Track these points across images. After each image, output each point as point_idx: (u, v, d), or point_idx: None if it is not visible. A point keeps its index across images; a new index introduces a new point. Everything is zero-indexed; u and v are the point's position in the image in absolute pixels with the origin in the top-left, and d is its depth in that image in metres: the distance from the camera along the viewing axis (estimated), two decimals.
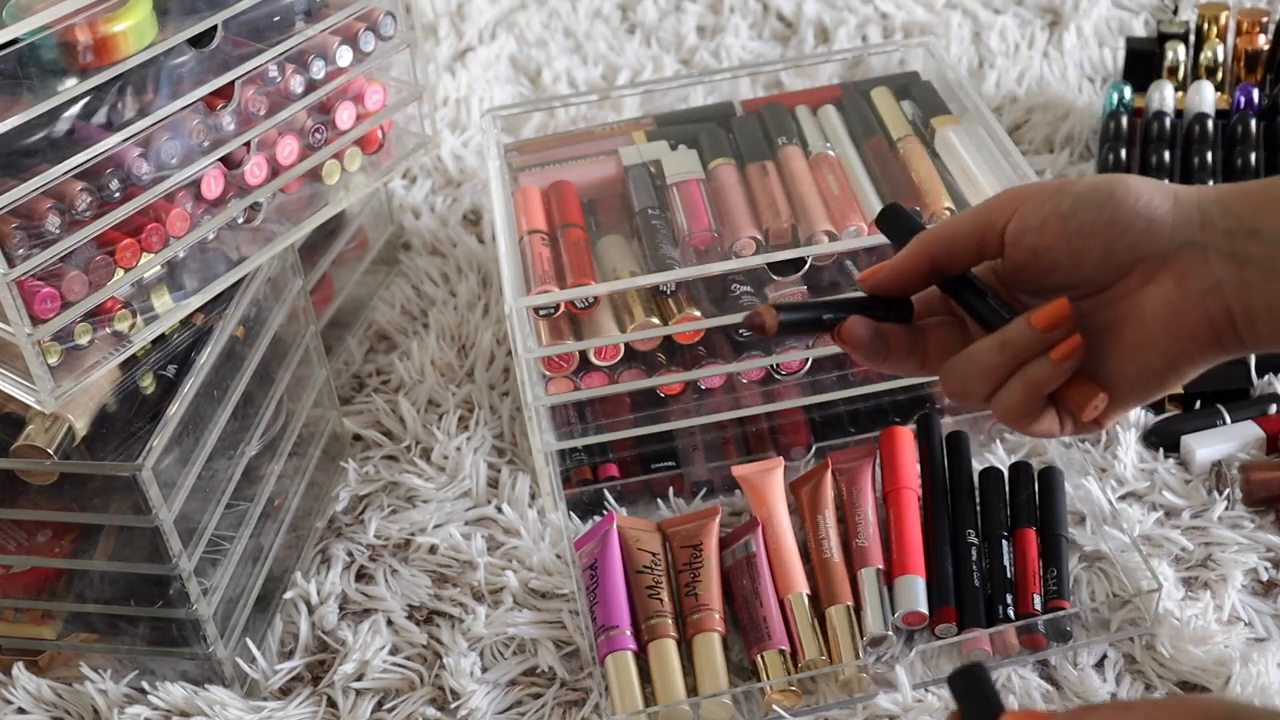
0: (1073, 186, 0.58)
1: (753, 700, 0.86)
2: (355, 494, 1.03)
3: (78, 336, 0.81)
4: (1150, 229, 0.57)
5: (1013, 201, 0.59)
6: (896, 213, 0.66)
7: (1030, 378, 0.59)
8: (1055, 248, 0.58)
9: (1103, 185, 0.58)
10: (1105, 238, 0.57)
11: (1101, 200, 0.57)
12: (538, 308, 0.92)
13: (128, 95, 0.81)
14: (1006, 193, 0.60)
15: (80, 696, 0.90)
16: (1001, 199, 0.60)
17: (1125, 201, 0.57)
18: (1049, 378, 0.59)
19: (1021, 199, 0.59)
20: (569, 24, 1.49)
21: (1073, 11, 1.42)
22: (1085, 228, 0.57)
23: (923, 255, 0.62)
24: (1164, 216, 0.57)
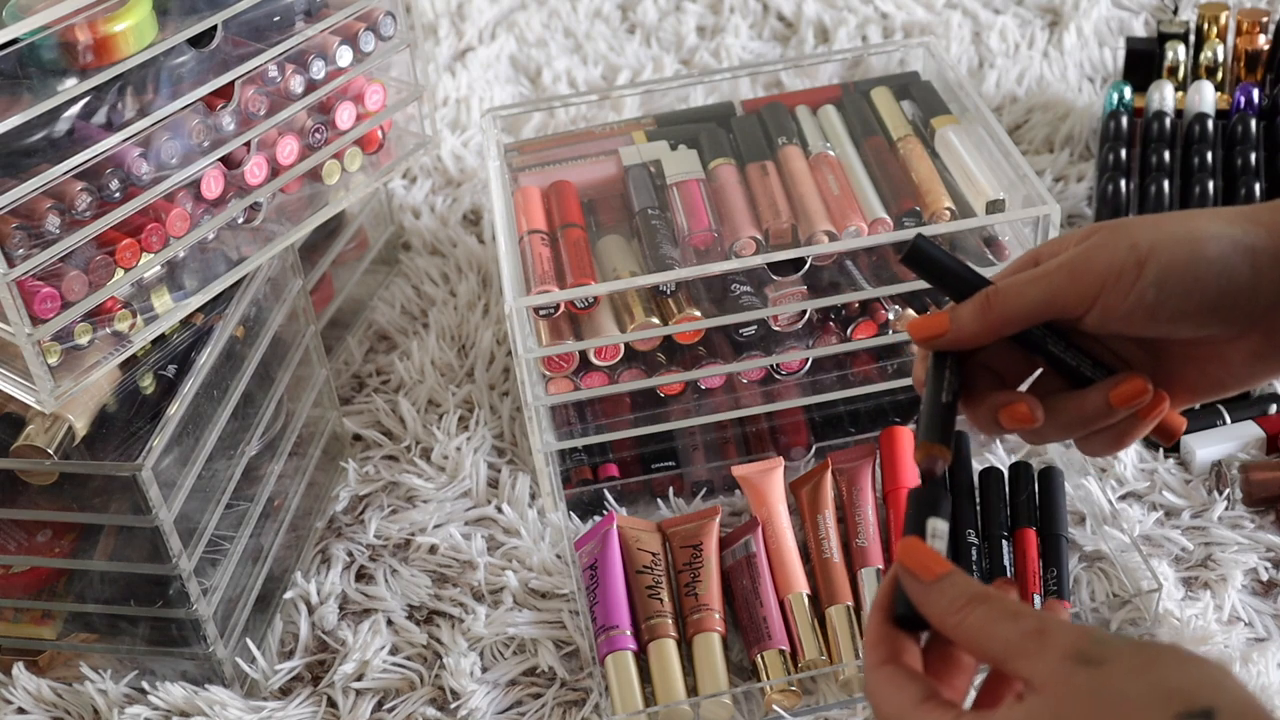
0: (1152, 267, 0.56)
1: (753, 700, 0.86)
2: (355, 494, 1.03)
3: (78, 336, 0.81)
4: (1236, 302, 0.56)
5: (1089, 289, 0.57)
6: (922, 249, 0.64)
7: (1118, 432, 0.61)
8: (1142, 330, 0.58)
9: (1184, 264, 0.55)
10: (1194, 319, 0.57)
11: (1186, 289, 0.56)
12: (538, 308, 0.92)
13: (128, 95, 0.81)
14: (1080, 271, 0.57)
15: (80, 696, 0.90)
16: (1074, 283, 0.57)
17: (1209, 280, 0.55)
18: (1134, 433, 0.61)
19: (1098, 287, 0.57)
20: (569, 24, 1.49)
21: (1073, 11, 1.42)
22: (1174, 315, 0.56)
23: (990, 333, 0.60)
24: (1246, 284, 0.56)
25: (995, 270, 0.94)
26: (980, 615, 0.49)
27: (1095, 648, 0.46)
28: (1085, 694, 0.45)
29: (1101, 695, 0.45)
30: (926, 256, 0.63)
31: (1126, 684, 0.45)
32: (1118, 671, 0.45)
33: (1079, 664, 0.46)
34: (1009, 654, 0.48)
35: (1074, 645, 0.46)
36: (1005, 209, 0.94)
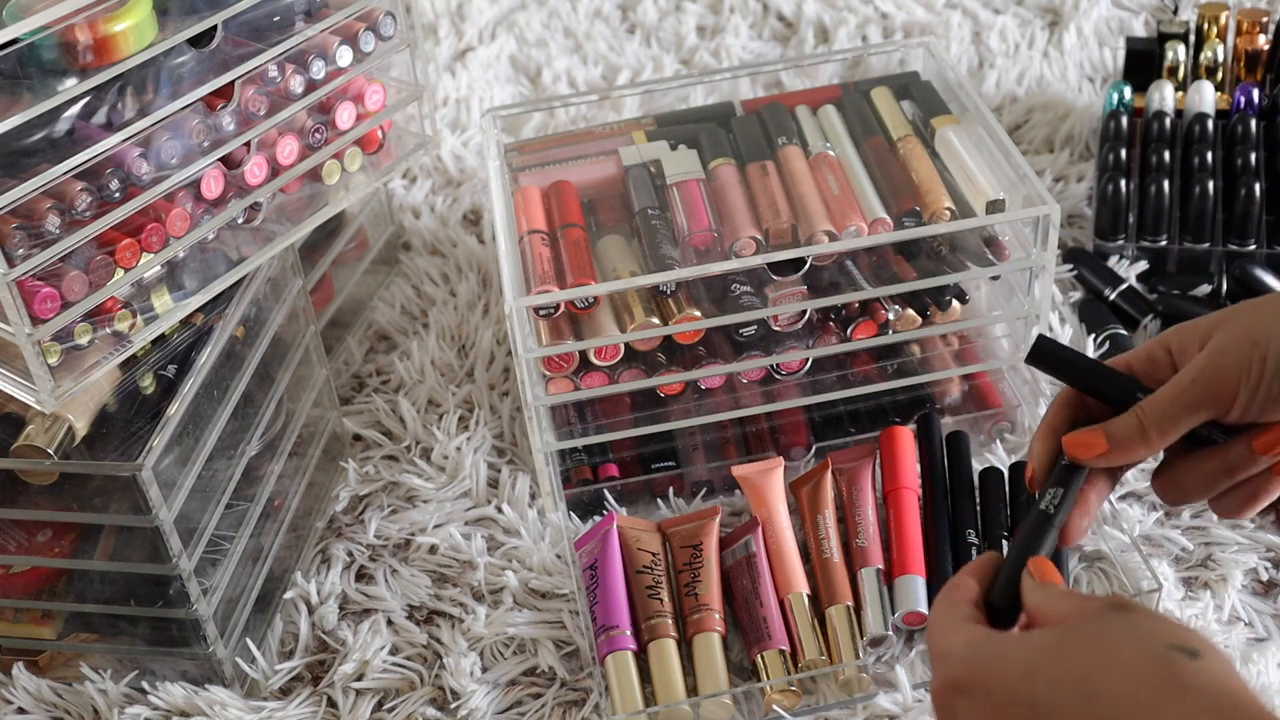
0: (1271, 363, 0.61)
1: (753, 700, 0.86)
2: (355, 494, 1.03)
3: (78, 336, 0.81)
4: None
5: (1226, 395, 0.63)
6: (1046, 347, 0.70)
7: (1255, 489, 0.66)
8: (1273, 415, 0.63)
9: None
10: None
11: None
12: (538, 308, 0.92)
13: (128, 95, 0.81)
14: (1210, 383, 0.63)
15: (80, 696, 0.90)
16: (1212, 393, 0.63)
17: None
18: (1267, 489, 0.66)
19: (1233, 392, 0.63)
20: (569, 24, 1.49)
21: (1073, 11, 1.42)
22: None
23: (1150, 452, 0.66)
24: None
25: (995, 269, 0.94)
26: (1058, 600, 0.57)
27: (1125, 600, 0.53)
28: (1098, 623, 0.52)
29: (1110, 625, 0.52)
30: (1049, 354, 0.70)
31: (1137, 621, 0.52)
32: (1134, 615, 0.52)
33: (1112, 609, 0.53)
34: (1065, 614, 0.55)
35: (1110, 601, 0.54)
36: (1005, 209, 0.94)
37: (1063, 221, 1.19)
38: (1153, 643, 0.50)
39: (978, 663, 0.53)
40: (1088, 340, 1.06)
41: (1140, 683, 0.48)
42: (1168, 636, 0.50)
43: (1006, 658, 0.53)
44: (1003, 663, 0.52)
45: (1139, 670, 0.49)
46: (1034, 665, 0.51)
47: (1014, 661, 0.52)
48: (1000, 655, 0.53)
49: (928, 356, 0.99)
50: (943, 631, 0.57)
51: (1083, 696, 0.49)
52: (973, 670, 0.53)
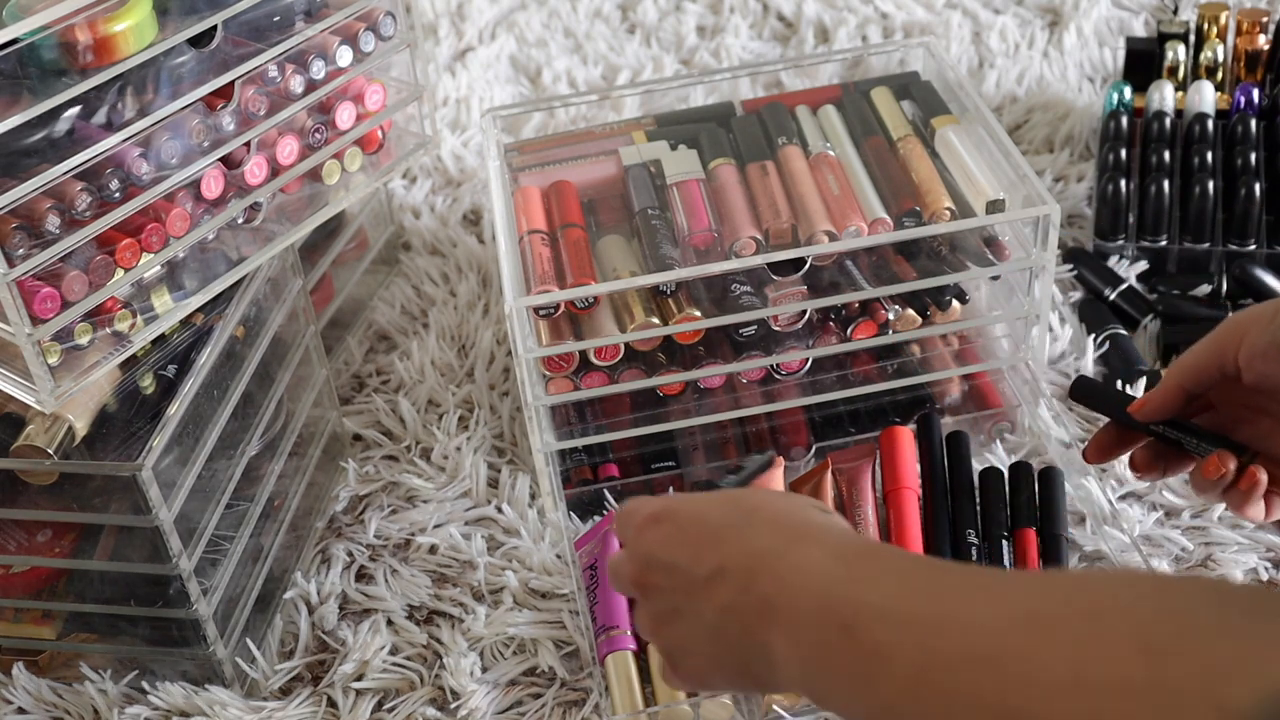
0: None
1: (753, 700, 0.86)
2: (355, 494, 1.03)
3: (78, 336, 0.81)
4: None
5: (1240, 329, 0.70)
6: (1086, 385, 0.81)
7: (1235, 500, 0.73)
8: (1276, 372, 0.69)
9: None
10: None
11: None
12: (538, 308, 0.92)
13: (128, 95, 0.81)
14: (1234, 319, 0.71)
15: (80, 696, 0.90)
16: (1230, 327, 0.71)
17: None
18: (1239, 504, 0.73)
19: (1246, 326, 0.70)
20: (569, 24, 1.49)
21: (1073, 11, 1.42)
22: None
23: (1178, 387, 0.74)
24: None
25: (995, 269, 0.94)
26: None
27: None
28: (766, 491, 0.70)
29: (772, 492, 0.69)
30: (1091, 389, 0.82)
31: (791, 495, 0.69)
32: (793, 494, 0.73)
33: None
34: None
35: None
36: (1005, 209, 0.94)
37: (1063, 221, 1.19)
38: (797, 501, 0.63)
39: (668, 503, 0.64)
40: (1088, 340, 1.06)
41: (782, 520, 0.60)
42: (809, 502, 0.63)
43: (691, 500, 0.64)
44: (687, 502, 0.64)
45: (784, 513, 0.61)
46: (711, 506, 0.63)
47: (697, 501, 0.64)
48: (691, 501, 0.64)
49: (928, 356, 1.00)
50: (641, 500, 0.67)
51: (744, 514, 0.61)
52: (666, 506, 0.64)
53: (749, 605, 0.57)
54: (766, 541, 0.58)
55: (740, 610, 0.57)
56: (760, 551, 0.58)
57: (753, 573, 0.57)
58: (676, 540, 0.62)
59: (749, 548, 0.59)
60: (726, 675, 0.61)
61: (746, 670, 0.59)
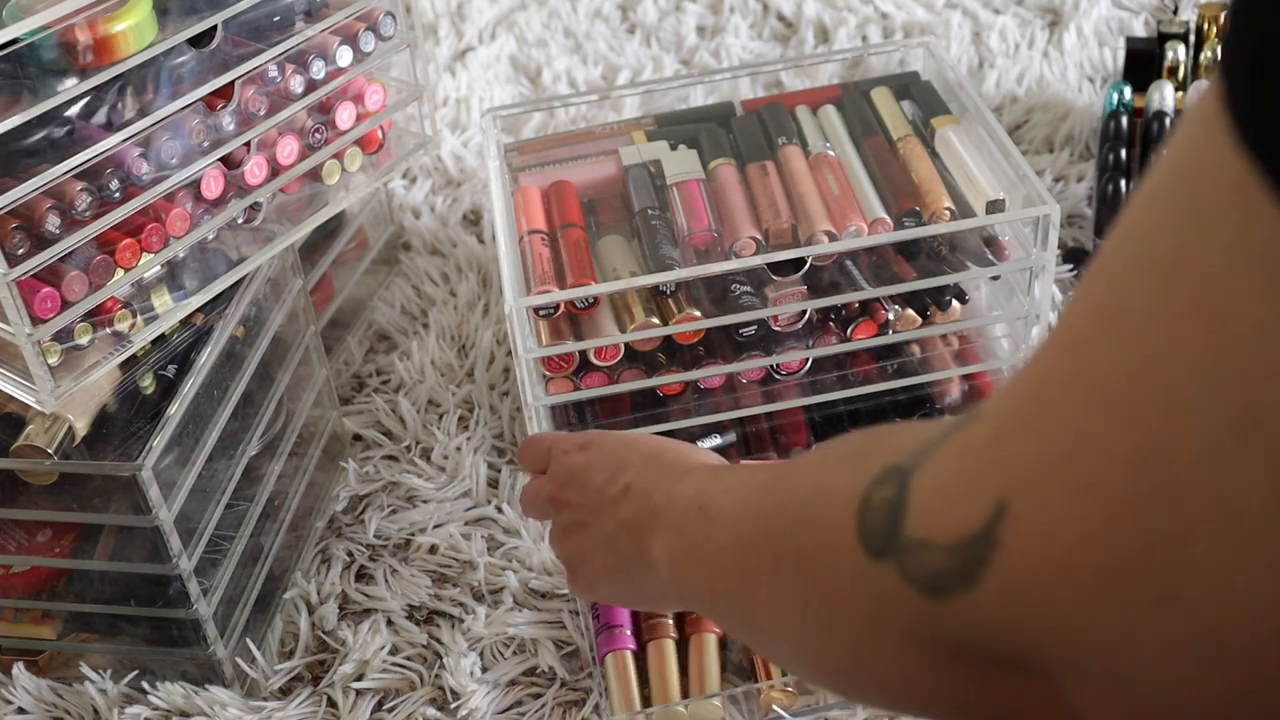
0: None
1: (753, 700, 0.86)
2: (355, 494, 1.03)
3: (78, 336, 0.81)
4: None
5: None
6: None
7: None
8: None
9: None
10: None
11: None
12: (538, 308, 0.92)
13: (128, 95, 0.81)
14: None
15: (80, 696, 0.90)
16: None
17: None
18: None
19: None
20: (569, 24, 1.49)
21: (1073, 11, 1.42)
22: None
23: None
24: None
25: (995, 269, 0.94)
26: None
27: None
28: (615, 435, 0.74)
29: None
30: None
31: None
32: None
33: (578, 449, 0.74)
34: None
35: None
36: (1005, 209, 0.94)
37: (1063, 221, 1.19)
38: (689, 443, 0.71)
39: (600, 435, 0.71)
40: None
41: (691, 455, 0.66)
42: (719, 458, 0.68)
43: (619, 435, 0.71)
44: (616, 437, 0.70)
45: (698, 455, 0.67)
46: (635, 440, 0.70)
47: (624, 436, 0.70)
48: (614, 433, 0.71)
49: (928, 356, 1.00)
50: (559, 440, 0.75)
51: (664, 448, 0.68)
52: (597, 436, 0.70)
53: (641, 518, 0.62)
54: (672, 466, 0.64)
55: (634, 523, 0.63)
56: (663, 470, 0.63)
57: (651, 490, 0.63)
58: (598, 464, 0.68)
59: (656, 469, 0.64)
60: (615, 584, 0.67)
61: (631, 579, 0.65)
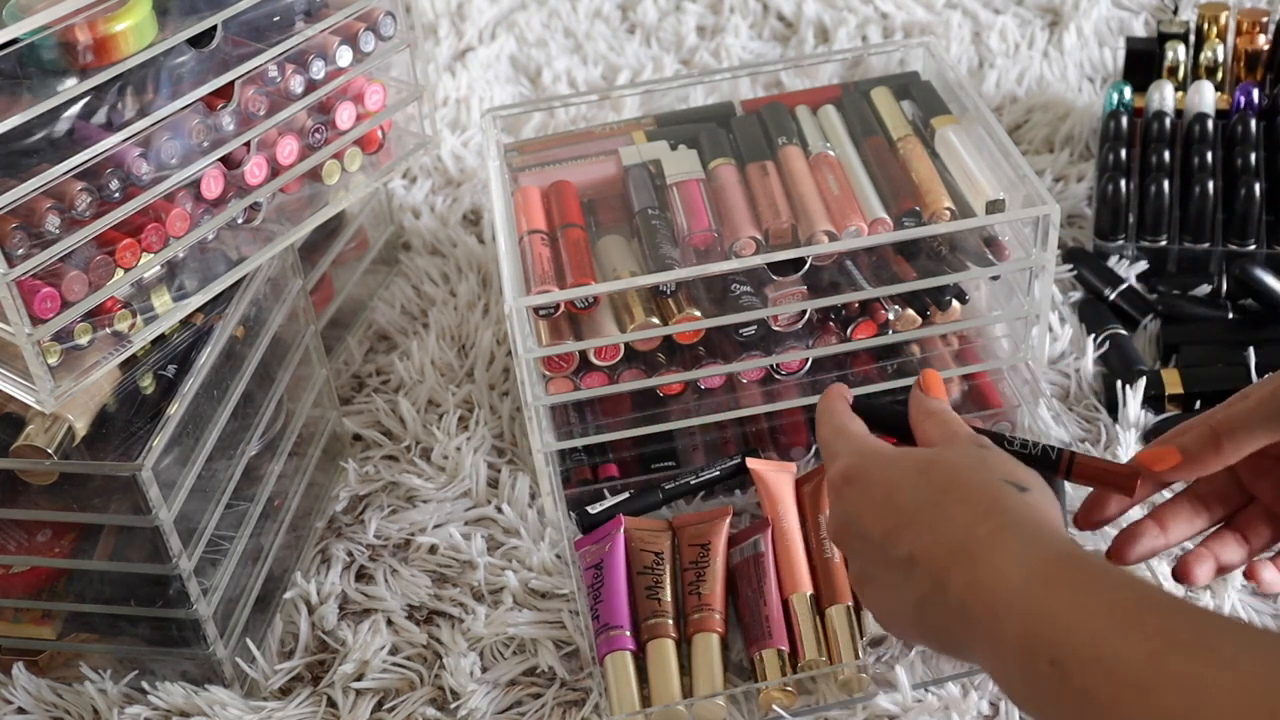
0: None
1: (753, 700, 0.86)
2: (355, 494, 1.03)
3: (78, 336, 0.81)
4: None
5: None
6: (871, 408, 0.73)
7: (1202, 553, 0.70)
8: None
9: None
10: None
11: None
12: (538, 308, 0.92)
13: (128, 95, 0.81)
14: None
15: (80, 696, 0.90)
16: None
17: None
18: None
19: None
20: (569, 24, 1.49)
21: (1073, 11, 1.42)
22: None
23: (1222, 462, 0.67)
24: None
25: (995, 269, 0.94)
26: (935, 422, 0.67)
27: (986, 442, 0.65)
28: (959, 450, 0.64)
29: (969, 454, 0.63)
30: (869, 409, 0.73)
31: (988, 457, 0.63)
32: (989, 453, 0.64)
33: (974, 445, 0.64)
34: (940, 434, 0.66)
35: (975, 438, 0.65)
36: (1005, 209, 0.94)
37: (1063, 221, 1.19)
38: (992, 475, 0.61)
39: (863, 459, 0.64)
40: (1088, 340, 1.06)
41: (975, 505, 0.59)
42: (1006, 473, 0.61)
43: (889, 465, 0.63)
44: (885, 468, 0.63)
45: (976, 495, 0.59)
46: (903, 478, 0.62)
47: (893, 469, 0.63)
48: (885, 462, 0.64)
49: (928, 356, 0.99)
50: (831, 428, 0.69)
51: (935, 506, 0.60)
52: (860, 465, 0.64)
53: (946, 606, 0.57)
54: (958, 533, 0.58)
55: (937, 608, 0.58)
56: (952, 546, 0.57)
57: (946, 570, 0.57)
58: (869, 511, 0.62)
59: (941, 539, 0.58)
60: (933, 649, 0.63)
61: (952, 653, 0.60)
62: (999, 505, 0.58)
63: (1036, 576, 0.54)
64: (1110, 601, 0.52)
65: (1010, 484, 0.60)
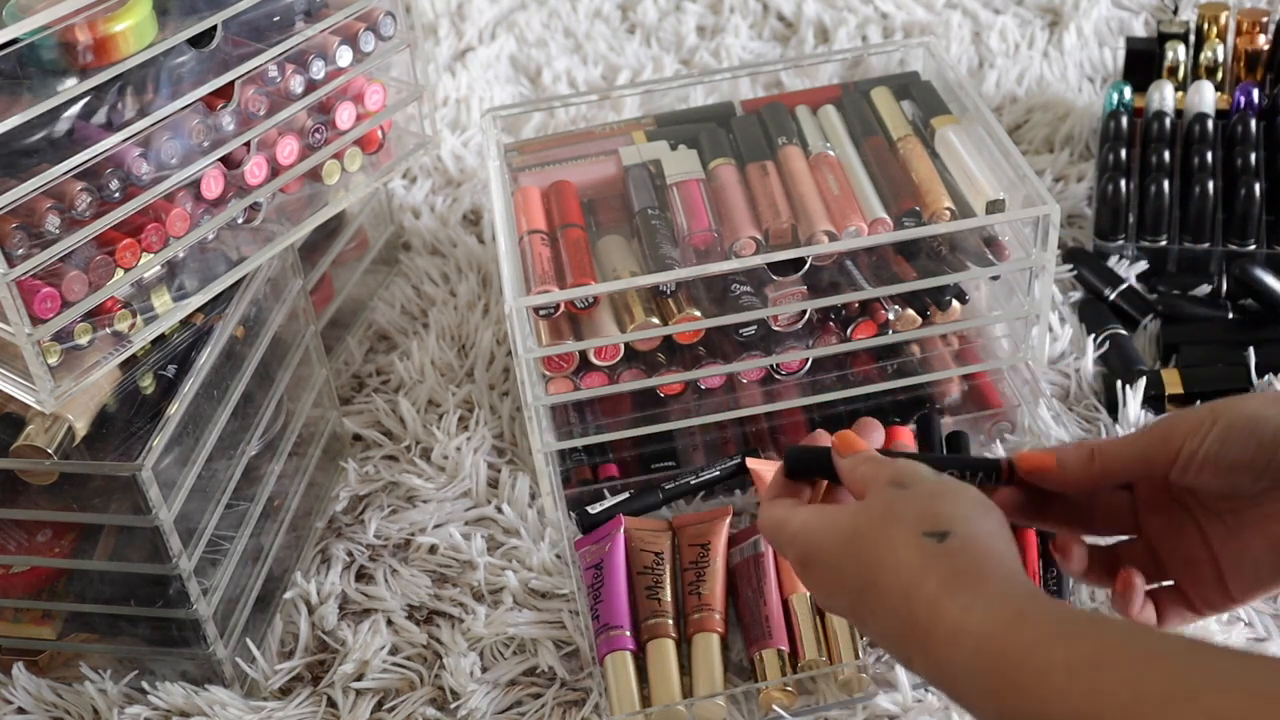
0: (1220, 421, 0.63)
1: (752, 700, 0.86)
2: (355, 494, 1.03)
3: (78, 336, 0.81)
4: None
5: (1172, 442, 0.64)
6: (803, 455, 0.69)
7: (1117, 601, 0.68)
8: (1212, 482, 0.64)
9: (1246, 420, 0.63)
10: (1254, 468, 0.63)
11: (1245, 437, 0.62)
12: (538, 308, 0.92)
13: (128, 95, 0.81)
14: (1166, 429, 0.65)
15: (80, 696, 0.90)
16: (1163, 439, 0.65)
17: (1266, 433, 0.62)
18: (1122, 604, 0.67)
19: (1180, 440, 0.64)
20: (569, 24, 1.49)
21: (1073, 11, 1.42)
22: (1236, 463, 0.63)
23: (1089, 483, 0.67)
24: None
25: (995, 269, 0.94)
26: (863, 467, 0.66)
27: (906, 476, 0.63)
28: (878, 505, 0.62)
29: (886, 508, 0.61)
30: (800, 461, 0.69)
31: (905, 504, 0.61)
32: (906, 495, 0.61)
33: (892, 486, 0.62)
34: (865, 483, 0.64)
35: (892, 474, 0.63)
36: (1005, 209, 0.94)
37: (1063, 221, 1.19)
38: (910, 531, 0.59)
39: (805, 544, 0.64)
40: (1088, 340, 1.06)
41: (903, 577, 0.58)
42: (922, 523, 0.59)
43: (824, 542, 0.63)
44: (823, 546, 0.63)
45: (901, 560, 0.59)
46: (839, 557, 0.62)
47: (829, 546, 0.62)
48: (820, 539, 0.63)
49: (928, 356, 1.00)
50: (769, 524, 0.67)
51: (872, 586, 0.60)
52: (804, 550, 0.64)
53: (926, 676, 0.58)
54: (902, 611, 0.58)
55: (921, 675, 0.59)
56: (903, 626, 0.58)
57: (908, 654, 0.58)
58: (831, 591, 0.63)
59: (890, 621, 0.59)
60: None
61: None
62: (924, 570, 0.58)
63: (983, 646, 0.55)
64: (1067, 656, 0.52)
65: (928, 536, 0.59)
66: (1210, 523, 0.66)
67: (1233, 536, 0.66)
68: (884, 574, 0.59)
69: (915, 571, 0.58)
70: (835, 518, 0.63)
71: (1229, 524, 0.66)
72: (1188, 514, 0.67)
